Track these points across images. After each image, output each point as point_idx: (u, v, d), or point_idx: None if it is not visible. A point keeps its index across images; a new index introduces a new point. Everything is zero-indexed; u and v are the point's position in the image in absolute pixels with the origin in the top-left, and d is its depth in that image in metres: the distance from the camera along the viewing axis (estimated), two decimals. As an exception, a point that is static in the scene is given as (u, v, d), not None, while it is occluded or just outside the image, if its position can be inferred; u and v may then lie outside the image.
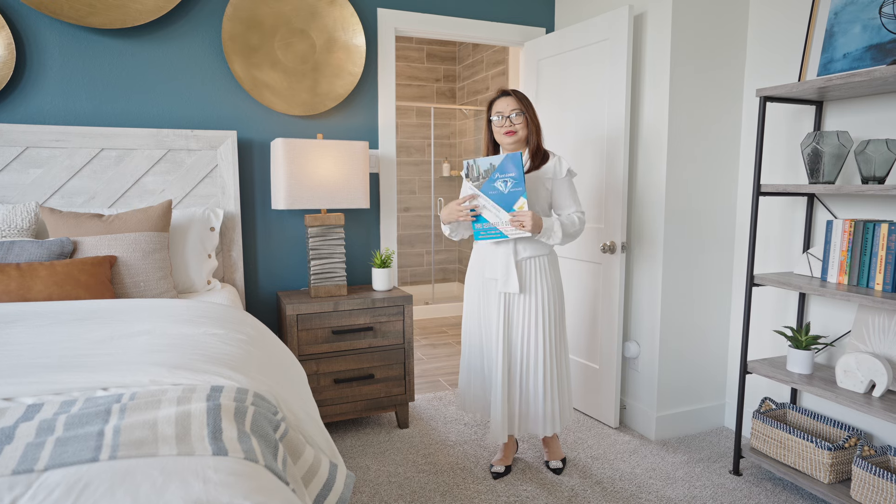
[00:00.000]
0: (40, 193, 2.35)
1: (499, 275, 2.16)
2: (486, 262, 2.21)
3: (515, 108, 2.12)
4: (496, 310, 2.18)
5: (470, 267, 2.31)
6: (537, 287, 2.15)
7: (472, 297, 2.29)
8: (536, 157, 2.16)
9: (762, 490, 2.20)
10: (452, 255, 6.22)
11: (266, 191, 2.80)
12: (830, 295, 1.94)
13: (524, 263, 2.15)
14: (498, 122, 2.13)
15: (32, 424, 0.93)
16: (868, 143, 1.92)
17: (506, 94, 2.14)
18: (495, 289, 2.19)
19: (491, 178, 2.06)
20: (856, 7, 2.04)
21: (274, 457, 0.97)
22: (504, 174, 2.04)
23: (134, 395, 1.05)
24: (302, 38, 2.73)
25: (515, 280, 2.12)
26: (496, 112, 2.14)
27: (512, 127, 2.11)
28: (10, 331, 1.47)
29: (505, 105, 2.13)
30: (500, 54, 5.10)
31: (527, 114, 2.12)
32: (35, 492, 0.76)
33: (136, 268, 2.10)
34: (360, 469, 2.34)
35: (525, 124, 2.13)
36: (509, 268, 2.13)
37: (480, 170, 2.09)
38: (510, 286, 2.13)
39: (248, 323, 1.73)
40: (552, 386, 2.18)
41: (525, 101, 2.13)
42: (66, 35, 2.41)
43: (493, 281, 2.20)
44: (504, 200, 2.06)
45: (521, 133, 2.13)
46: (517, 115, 2.11)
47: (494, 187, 2.06)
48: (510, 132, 2.11)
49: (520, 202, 2.03)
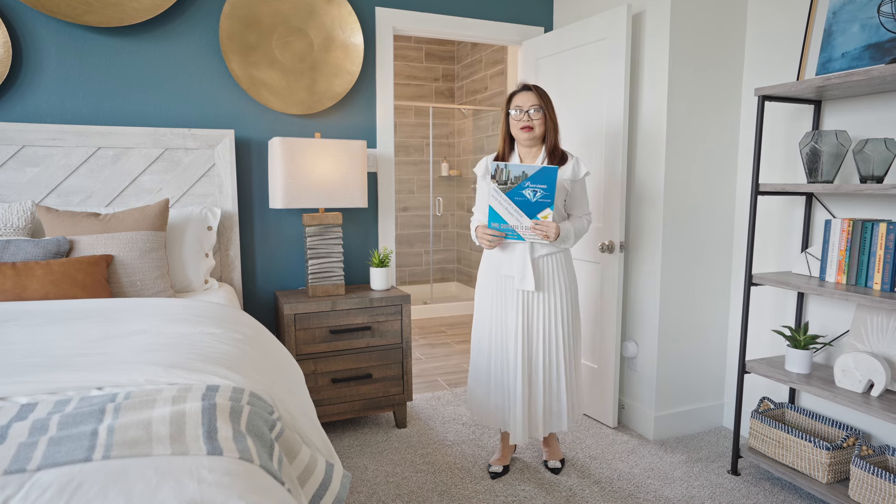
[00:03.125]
0: (37, 192, 2.34)
1: (515, 272, 2.14)
2: (503, 260, 2.17)
3: (535, 103, 2.09)
4: (514, 308, 2.15)
5: (483, 266, 2.26)
6: (554, 284, 2.15)
7: (485, 298, 2.23)
8: (553, 157, 2.14)
9: (760, 490, 2.19)
10: (451, 254, 6.21)
11: (264, 190, 2.79)
12: (829, 294, 1.94)
13: (541, 261, 2.14)
14: (516, 117, 2.10)
15: (26, 424, 0.92)
16: (866, 143, 1.92)
17: (526, 89, 2.11)
18: (511, 286, 2.17)
19: (520, 185, 2.04)
20: (854, 6, 2.04)
21: (269, 456, 0.96)
22: (536, 184, 2.02)
23: (129, 395, 1.04)
24: (300, 36, 2.73)
25: (531, 277, 2.11)
26: (515, 106, 2.11)
27: (529, 122, 2.08)
28: (5, 330, 1.46)
29: (525, 100, 2.10)
30: (498, 53, 5.09)
31: (546, 111, 2.10)
32: (27, 492, 0.75)
33: (132, 267, 2.09)
34: (357, 469, 2.33)
35: (543, 121, 2.10)
36: (526, 265, 2.12)
37: (511, 175, 2.04)
38: (526, 283, 2.11)
39: (246, 322, 1.72)
40: (572, 381, 2.20)
41: (545, 98, 2.11)
42: (63, 33, 2.40)
43: (509, 278, 2.17)
44: (529, 208, 2.05)
45: (537, 130, 2.10)
46: (536, 111, 2.09)
47: (522, 194, 2.05)
48: (527, 127, 2.09)
49: (545, 212, 2.04)
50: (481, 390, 2.25)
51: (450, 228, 6.18)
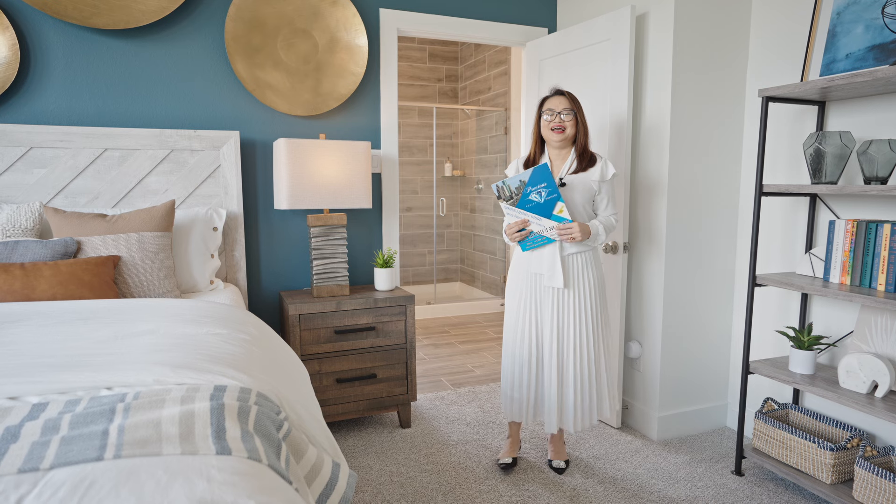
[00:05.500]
0: (44, 193, 2.36)
1: (545, 270, 2.20)
2: (532, 259, 2.25)
3: (567, 107, 2.18)
4: (548, 305, 2.22)
5: (513, 266, 2.34)
6: (582, 281, 2.21)
7: (515, 297, 2.30)
8: (583, 159, 2.21)
9: (764, 490, 2.20)
10: (454, 255, 6.22)
11: (269, 191, 2.80)
12: (833, 295, 1.94)
13: (570, 259, 2.21)
14: (548, 119, 2.19)
15: (38, 423, 0.93)
16: (871, 144, 1.92)
17: (559, 94, 2.21)
18: (541, 284, 2.23)
19: (525, 194, 2.13)
20: (858, 7, 2.04)
21: (277, 456, 0.97)
22: (536, 186, 2.10)
23: (138, 395, 1.05)
24: (304, 38, 2.74)
25: (560, 275, 2.17)
26: (547, 109, 2.20)
27: (562, 123, 2.17)
28: (15, 330, 1.48)
29: (557, 103, 2.19)
30: (502, 54, 5.10)
31: (577, 114, 2.19)
32: (41, 490, 0.77)
33: (139, 268, 2.11)
34: (362, 468, 2.35)
35: (574, 124, 2.19)
36: (555, 263, 2.18)
37: (511, 188, 2.15)
38: (556, 281, 2.18)
39: (251, 323, 1.74)
40: (602, 375, 2.26)
41: (576, 103, 2.20)
42: (70, 36, 2.42)
43: (539, 276, 2.24)
44: (542, 209, 2.12)
45: (569, 131, 2.18)
46: (567, 113, 2.17)
47: (530, 200, 2.13)
48: (559, 128, 2.17)
49: (558, 206, 2.10)
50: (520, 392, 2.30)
51: (453, 229, 6.19)
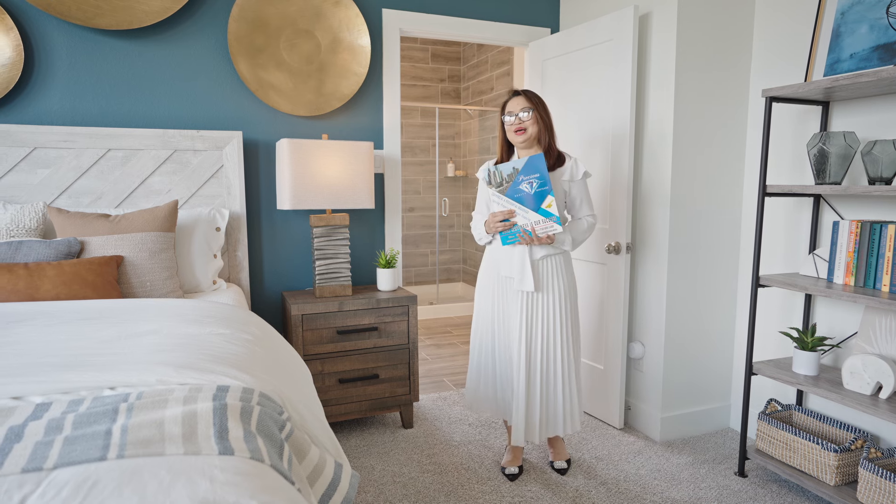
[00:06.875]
0: (48, 194, 2.37)
1: (515, 273, 2.16)
2: (502, 262, 2.20)
3: (524, 105, 2.12)
4: (517, 309, 2.17)
5: (483, 268, 2.30)
6: (554, 286, 2.16)
7: (486, 298, 2.27)
8: (550, 158, 2.16)
9: (767, 492, 2.19)
10: (457, 255, 6.22)
11: (271, 191, 2.81)
12: (837, 296, 1.94)
13: (540, 263, 2.16)
14: (509, 122, 2.14)
15: (41, 423, 0.93)
16: (875, 144, 1.91)
17: (516, 94, 2.16)
18: (512, 287, 2.19)
19: (515, 182, 2.08)
20: (863, 7, 2.03)
21: (279, 456, 0.97)
22: (528, 175, 2.05)
23: (141, 395, 1.05)
24: (307, 38, 2.74)
25: (531, 278, 2.13)
26: (507, 112, 2.16)
27: (521, 124, 2.11)
28: (19, 330, 1.48)
29: (515, 104, 2.14)
30: (504, 54, 5.10)
31: (536, 111, 2.12)
32: (44, 490, 0.77)
33: (142, 268, 2.11)
34: (364, 469, 2.35)
35: (535, 121, 2.12)
36: (525, 266, 2.14)
37: (503, 175, 2.10)
38: (525, 284, 2.13)
39: (254, 323, 1.74)
40: (571, 384, 2.20)
41: (535, 100, 2.14)
42: (74, 36, 2.42)
43: (509, 279, 2.20)
44: (531, 201, 2.08)
45: (530, 130, 2.12)
46: (525, 111, 2.11)
47: (520, 190, 2.08)
48: (520, 130, 2.12)
49: (547, 200, 2.04)
50: (485, 386, 2.28)
51: (456, 229, 6.19)
